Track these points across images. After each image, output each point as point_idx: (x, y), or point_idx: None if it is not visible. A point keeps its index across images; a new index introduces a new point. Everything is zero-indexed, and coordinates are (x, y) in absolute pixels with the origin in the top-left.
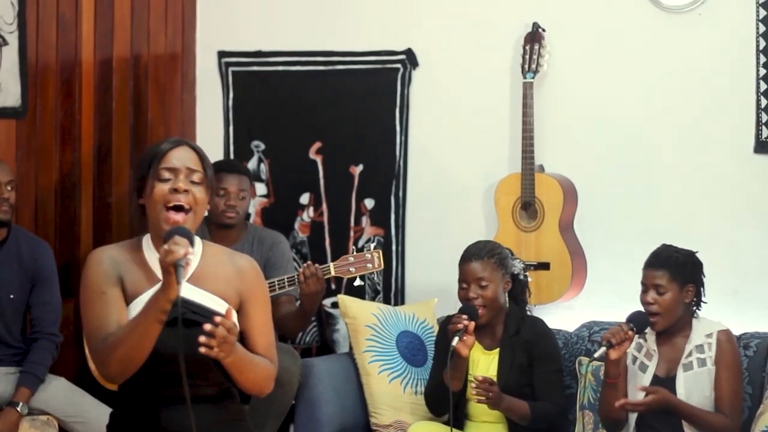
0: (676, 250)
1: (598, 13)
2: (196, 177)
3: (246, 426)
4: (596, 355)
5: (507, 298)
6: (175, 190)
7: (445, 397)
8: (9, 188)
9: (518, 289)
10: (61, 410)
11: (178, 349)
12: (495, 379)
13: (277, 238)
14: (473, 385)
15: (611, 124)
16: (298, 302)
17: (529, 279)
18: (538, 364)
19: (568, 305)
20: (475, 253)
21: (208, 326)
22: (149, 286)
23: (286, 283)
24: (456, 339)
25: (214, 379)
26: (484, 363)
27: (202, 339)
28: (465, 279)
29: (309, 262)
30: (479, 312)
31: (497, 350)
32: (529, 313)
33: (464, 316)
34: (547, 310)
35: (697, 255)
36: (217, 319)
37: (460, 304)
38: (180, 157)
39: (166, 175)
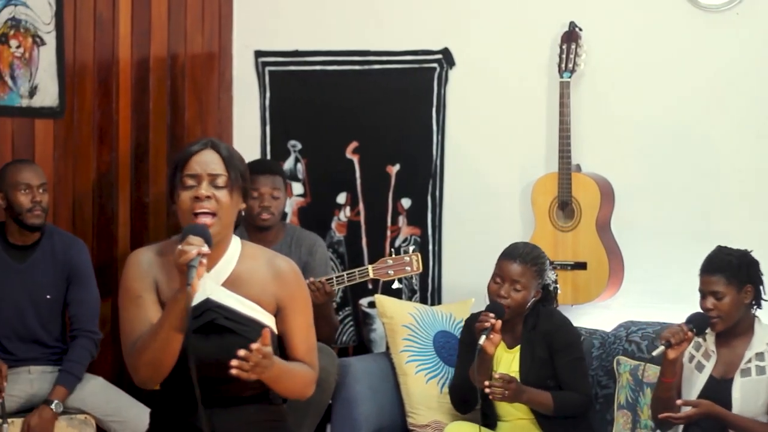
0: (729, 252)
1: (635, 12)
2: (219, 181)
3: (286, 426)
4: (654, 353)
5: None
6: (198, 198)
7: (469, 395)
8: (41, 191)
9: (547, 299)
10: (99, 409)
11: (211, 354)
12: (518, 375)
13: (315, 241)
14: (486, 383)
15: (648, 123)
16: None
17: (559, 291)
18: (559, 355)
19: (605, 305)
20: (520, 254)
21: (242, 352)
22: None
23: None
24: (483, 337)
25: (253, 382)
26: (506, 360)
27: (234, 363)
28: (501, 275)
29: (312, 280)
30: (507, 312)
31: (518, 347)
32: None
33: (491, 315)
34: (584, 309)
35: (752, 254)
36: (254, 346)
37: None
38: (202, 162)
39: (189, 182)
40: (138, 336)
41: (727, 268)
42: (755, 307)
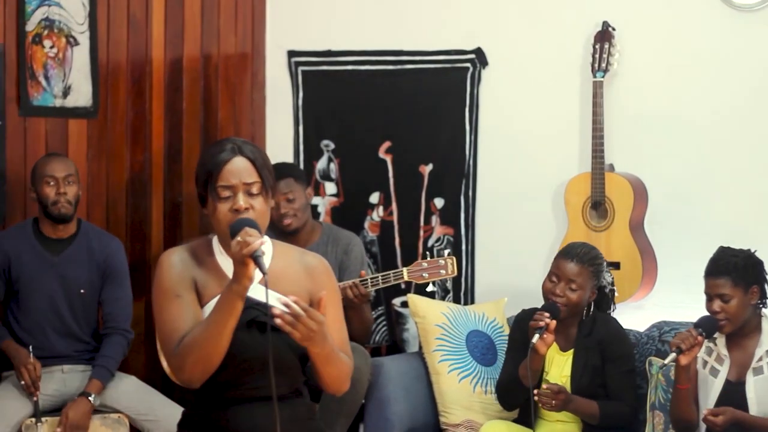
0: (733, 253)
1: (669, 12)
2: (254, 189)
3: (316, 424)
4: (666, 361)
5: (588, 306)
6: (237, 211)
7: (517, 392)
8: (68, 182)
9: (603, 301)
10: (132, 408)
11: (252, 350)
12: (569, 379)
13: (351, 240)
14: (536, 392)
15: (681, 123)
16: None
17: (617, 294)
18: (611, 365)
19: (638, 305)
20: (578, 254)
21: (290, 298)
22: (221, 289)
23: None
24: (536, 336)
25: (287, 379)
26: (558, 363)
27: (276, 312)
28: (557, 274)
29: (346, 284)
30: (563, 311)
31: (572, 351)
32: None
33: (546, 314)
34: (618, 309)
35: (756, 254)
36: (299, 303)
37: (528, 305)
38: (235, 172)
39: (225, 193)
40: (181, 336)
41: (733, 270)
42: (761, 306)
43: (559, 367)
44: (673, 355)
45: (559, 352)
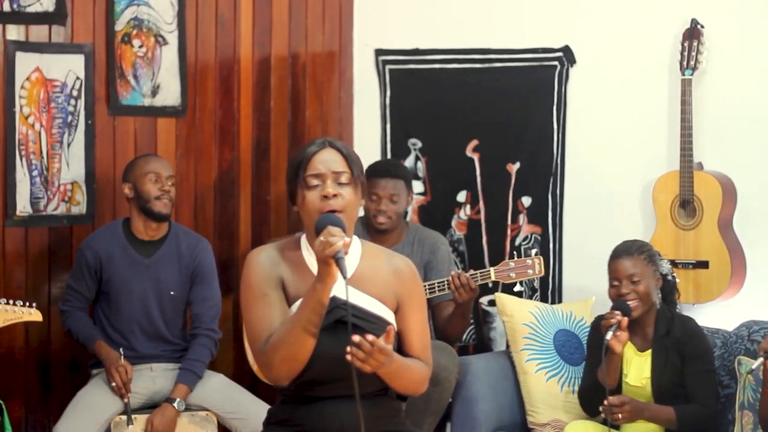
0: None
1: (758, 8)
2: (343, 178)
3: (403, 423)
4: (753, 366)
5: (659, 296)
6: (325, 197)
7: (598, 397)
8: (170, 183)
9: (667, 289)
10: (220, 406)
11: (337, 350)
12: (649, 380)
13: (438, 240)
14: (601, 408)
15: None
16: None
17: (678, 280)
18: (690, 365)
19: (726, 304)
20: (625, 250)
21: (356, 338)
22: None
23: (441, 287)
24: (610, 333)
25: (373, 378)
26: (637, 364)
27: (349, 349)
28: (616, 277)
29: (458, 272)
30: (633, 305)
31: (650, 351)
32: (678, 310)
33: (617, 312)
34: (706, 309)
35: None
36: (369, 337)
37: None
38: (324, 161)
39: (314, 182)
40: (269, 334)
41: None
42: None
43: (638, 369)
44: (761, 360)
45: (637, 353)
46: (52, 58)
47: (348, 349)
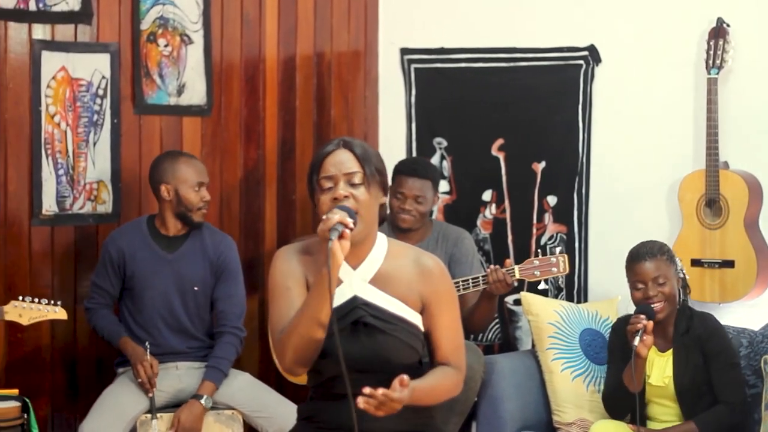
0: None
1: None
2: (355, 179)
3: (433, 423)
4: None
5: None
6: (336, 199)
7: (624, 400)
8: (206, 189)
9: (682, 287)
10: (246, 405)
11: (359, 348)
12: (671, 380)
13: (461, 234)
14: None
15: None
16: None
17: (687, 277)
18: (713, 361)
19: (753, 303)
20: (647, 252)
21: (367, 390)
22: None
23: (476, 283)
24: (637, 339)
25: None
26: (659, 364)
27: (361, 400)
28: (641, 280)
29: (496, 267)
30: (660, 306)
31: (671, 351)
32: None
33: (642, 316)
34: (732, 308)
35: None
36: (380, 391)
37: None
38: (336, 163)
39: (327, 184)
40: (285, 324)
41: None
42: None
43: (660, 369)
44: None
45: (659, 354)
46: (77, 57)
47: (360, 399)
